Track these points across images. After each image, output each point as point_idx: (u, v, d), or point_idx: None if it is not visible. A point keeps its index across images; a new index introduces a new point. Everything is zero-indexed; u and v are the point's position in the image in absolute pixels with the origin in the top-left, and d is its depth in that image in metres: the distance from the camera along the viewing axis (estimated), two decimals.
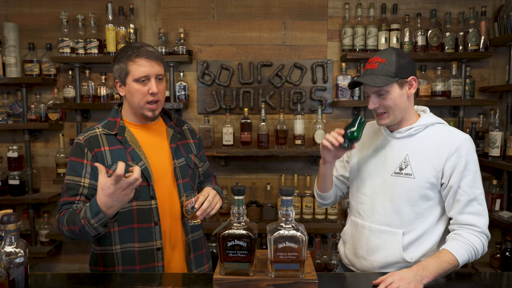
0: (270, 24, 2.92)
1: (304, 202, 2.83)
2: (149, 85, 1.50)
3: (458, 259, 1.35)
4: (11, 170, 2.84)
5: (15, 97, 2.91)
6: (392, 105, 1.43)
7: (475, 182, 1.42)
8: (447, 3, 2.90)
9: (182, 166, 1.62)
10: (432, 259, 1.35)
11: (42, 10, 2.90)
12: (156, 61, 1.52)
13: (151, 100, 1.51)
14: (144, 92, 1.50)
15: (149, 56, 1.50)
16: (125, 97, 1.58)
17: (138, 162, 1.51)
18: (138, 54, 1.49)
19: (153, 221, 1.52)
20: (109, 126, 1.56)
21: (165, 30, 2.88)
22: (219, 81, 2.90)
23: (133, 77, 1.50)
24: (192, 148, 1.71)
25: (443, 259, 1.34)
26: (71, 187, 1.48)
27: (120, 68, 1.52)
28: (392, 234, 1.47)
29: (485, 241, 1.41)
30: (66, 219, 1.40)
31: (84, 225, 1.33)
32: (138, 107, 1.53)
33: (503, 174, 2.86)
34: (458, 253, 1.35)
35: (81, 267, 3.04)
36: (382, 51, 1.47)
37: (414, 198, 1.44)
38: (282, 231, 1.19)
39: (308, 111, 2.93)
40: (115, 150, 1.52)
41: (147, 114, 1.54)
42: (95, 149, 1.50)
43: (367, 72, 1.45)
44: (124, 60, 1.51)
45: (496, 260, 2.71)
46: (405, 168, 1.46)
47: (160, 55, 1.56)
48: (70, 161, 1.51)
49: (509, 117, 2.78)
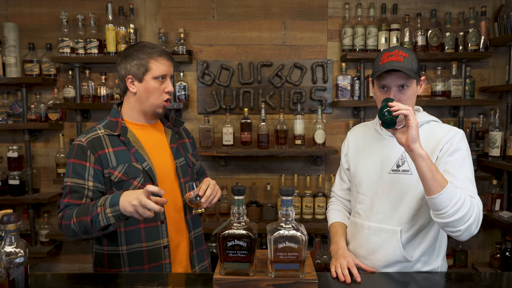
0: (270, 24, 2.92)
1: (304, 202, 2.82)
2: (165, 84, 1.57)
3: (447, 186, 1.27)
4: (11, 170, 2.84)
5: (15, 97, 2.91)
6: (407, 100, 1.43)
7: (464, 166, 1.39)
8: (447, 3, 2.90)
9: (183, 166, 1.66)
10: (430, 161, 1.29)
11: (42, 10, 2.90)
12: (172, 62, 1.61)
13: (167, 98, 1.58)
14: (161, 90, 1.56)
15: (169, 56, 1.59)
16: (134, 94, 1.57)
17: (142, 163, 1.53)
18: (160, 53, 1.55)
19: (159, 220, 1.54)
20: (111, 127, 1.56)
21: (165, 30, 2.88)
22: (219, 81, 2.90)
23: (153, 74, 1.53)
24: (189, 148, 1.76)
25: (437, 172, 1.29)
26: (75, 190, 1.47)
27: (139, 64, 1.53)
28: (391, 232, 1.47)
29: (478, 203, 1.33)
30: (77, 211, 1.41)
31: (100, 213, 1.35)
32: (154, 105, 1.57)
33: (503, 174, 2.86)
34: (450, 185, 1.28)
35: (81, 267, 3.04)
36: (399, 47, 1.45)
37: (412, 194, 1.44)
38: (282, 231, 1.19)
39: (308, 111, 2.93)
40: (118, 152, 1.52)
41: (160, 111, 1.59)
42: (98, 151, 1.50)
43: (393, 65, 1.38)
44: (145, 57, 1.53)
45: (496, 260, 2.71)
46: (402, 165, 1.47)
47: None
48: (72, 163, 1.49)
49: (509, 117, 2.78)
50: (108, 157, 1.50)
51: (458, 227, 1.30)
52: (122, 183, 1.50)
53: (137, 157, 1.53)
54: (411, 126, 1.27)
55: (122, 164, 1.50)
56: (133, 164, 1.51)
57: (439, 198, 1.27)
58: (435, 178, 1.27)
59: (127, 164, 1.51)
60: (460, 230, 1.30)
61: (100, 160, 1.49)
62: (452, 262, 2.89)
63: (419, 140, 1.28)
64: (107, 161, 1.50)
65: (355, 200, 1.61)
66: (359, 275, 1.38)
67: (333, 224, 1.70)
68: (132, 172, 1.51)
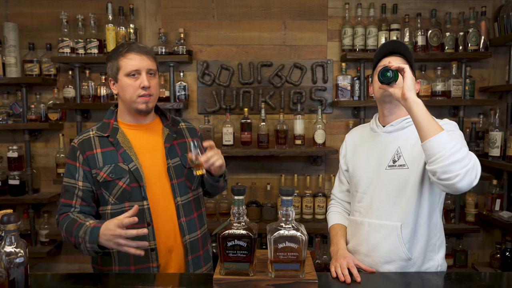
0: (270, 24, 2.91)
1: (304, 202, 2.82)
2: (140, 79, 1.52)
3: (443, 132, 1.25)
4: (11, 170, 2.84)
5: (15, 97, 2.91)
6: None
7: (458, 137, 1.38)
8: (447, 3, 2.90)
9: (176, 166, 1.60)
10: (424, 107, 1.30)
11: (42, 10, 2.90)
12: (146, 55, 1.54)
13: (143, 94, 1.53)
14: (135, 86, 1.52)
15: (140, 50, 1.53)
16: (118, 95, 1.59)
17: (129, 163, 1.52)
18: (128, 49, 1.53)
19: (145, 222, 1.51)
20: (103, 128, 1.58)
21: (165, 30, 2.87)
22: (219, 81, 2.90)
23: (124, 71, 1.52)
24: None
25: (433, 119, 1.29)
26: (67, 189, 1.53)
27: (112, 64, 1.55)
28: (391, 227, 1.48)
29: (475, 157, 1.28)
30: (65, 227, 1.47)
31: (81, 243, 1.41)
32: (131, 102, 1.54)
33: (503, 174, 2.86)
34: (446, 132, 1.26)
35: (81, 267, 3.04)
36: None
37: (410, 188, 1.46)
38: (282, 231, 1.19)
39: (308, 111, 2.93)
40: (106, 152, 1.53)
41: (141, 107, 1.54)
42: (87, 152, 1.53)
43: (396, 42, 1.55)
44: (115, 56, 1.54)
45: (496, 260, 2.71)
46: (398, 160, 1.48)
47: (151, 50, 1.59)
48: (67, 163, 1.57)
49: (509, 117, 2.78)
50: (95, 157, 1.52)
51: (457, 171, 1.21)
52: (107, 184, 1.51)
53: (124, 158, 1.53)
54: (407, 77, 1.33)
55: (108, 165, 1.51)
56: (119, 164, 1.51)
57: (435, 141, 1.23)
58: (431, 123, 1.27)
59: (113, 165, 1.51)
60: (459, 174, 1.21)
61: (88, 161, 1.52)
62: (452, 262, 2.89)
63: (414, 90, 1.33)
64: (94, 161, 1.52)
65: (355, 199, 1.62)
66: (359, 275, 1.38)
67: (333, 226, 1.71)
68: (117, 173, 1.50)
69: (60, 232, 1.50)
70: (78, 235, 1.40)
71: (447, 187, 1.27)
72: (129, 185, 1.50)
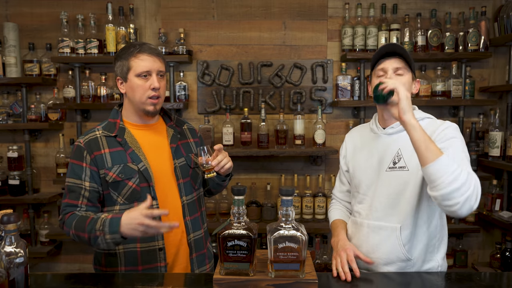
0: (270, 24, 2.92)
1: (304, 202, 2.82)
2: (151, 80, 1.52)
3: (442, 156, 1.25)
4: (11, 170, 2.84)
5: (15, 97, 2.91)
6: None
7: (459, 148, 1.38)
8: (447, 3, 2.90)
9: (182, 166, 1.63)
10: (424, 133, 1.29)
11: (42, 10, 2.90)
12: (158, 57, 1.55)
13: (153, 95, 1.53)
14: (145, 87, 1.52)
15: (151, 52, 1.54)
16: (125, 94, 1.59)
17: (138, 164, 1.52)
18: (140, 50, 1.52)
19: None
20: (109, 128, 1.57)
21: (165, 30, 2.87)
22: (219, 81, 2.90)
23: (135, 72, 1.52)
24: (193, 148, 1.71)
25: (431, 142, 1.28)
26: (72, 190, 1.51)
27: (122, 64, 1.54)
28: (390, 229, 1.48)
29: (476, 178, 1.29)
30: (74, 224, 1.44)
31: (99, 236, 1.37)
32: (140, 103, 1.54)
33: (503, 174, 2.86)
34: (445, 156, 1.26)
35: (81, 267, 3.04)
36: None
37: (410, 190, 1.45)
38: (282, 231, 1.19)
39: (308, 111, 2.93)
40: (115, 152, 1.53)
41: (149, 108, 1.55)
42: (94, 152, 1.51)
43: (394, 44, 1.50)
44: (126, 56, 1.53)
45: (496, 260, 2.71)
46: (398, 161, 1.48)
47: (161, 52, 1.58)
48: (71, 163, 1.54)
49: (509, 117, 2.78)
50: (104, 158, 1.51)
51: (457, 199, 1.24)
52: (117, 184, 1.50)
53: (133, 158, 1.53)
54: (401, 98, 1.30)
55: (117, 165, 1.51)
56: (128, 164, 1.51)
57: (434, 167, 1.24)
58: (429, 147, 1.27)
59: (122, 165, 1.51)
60: (459, 202, 1.24)
61: (95, 161, 1.51)
62: (452, 262, 2.89)
63: (411, 111, 1.31)
64: (102, 162, 1.51)
65: (355, 200, 1.62)
66: (358, 270, 1.40)
67: (334, 221, 1.72)
68: (127, 173, 1.50)
69: (62, 232, 1.50)
70: (95, 228, 1.38)
71: (448, 213, 1.33)
72: (139, 185, 1.51)
